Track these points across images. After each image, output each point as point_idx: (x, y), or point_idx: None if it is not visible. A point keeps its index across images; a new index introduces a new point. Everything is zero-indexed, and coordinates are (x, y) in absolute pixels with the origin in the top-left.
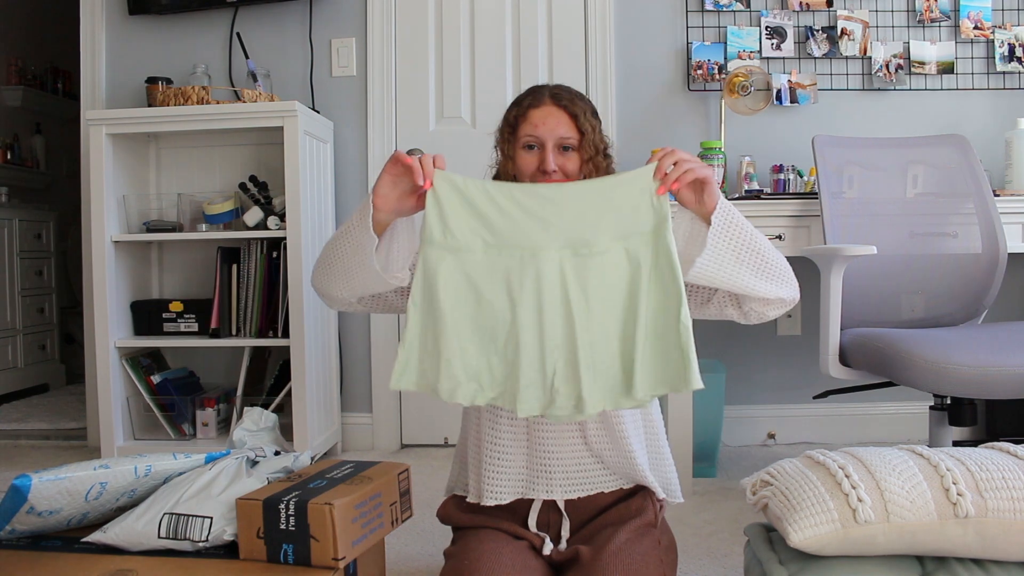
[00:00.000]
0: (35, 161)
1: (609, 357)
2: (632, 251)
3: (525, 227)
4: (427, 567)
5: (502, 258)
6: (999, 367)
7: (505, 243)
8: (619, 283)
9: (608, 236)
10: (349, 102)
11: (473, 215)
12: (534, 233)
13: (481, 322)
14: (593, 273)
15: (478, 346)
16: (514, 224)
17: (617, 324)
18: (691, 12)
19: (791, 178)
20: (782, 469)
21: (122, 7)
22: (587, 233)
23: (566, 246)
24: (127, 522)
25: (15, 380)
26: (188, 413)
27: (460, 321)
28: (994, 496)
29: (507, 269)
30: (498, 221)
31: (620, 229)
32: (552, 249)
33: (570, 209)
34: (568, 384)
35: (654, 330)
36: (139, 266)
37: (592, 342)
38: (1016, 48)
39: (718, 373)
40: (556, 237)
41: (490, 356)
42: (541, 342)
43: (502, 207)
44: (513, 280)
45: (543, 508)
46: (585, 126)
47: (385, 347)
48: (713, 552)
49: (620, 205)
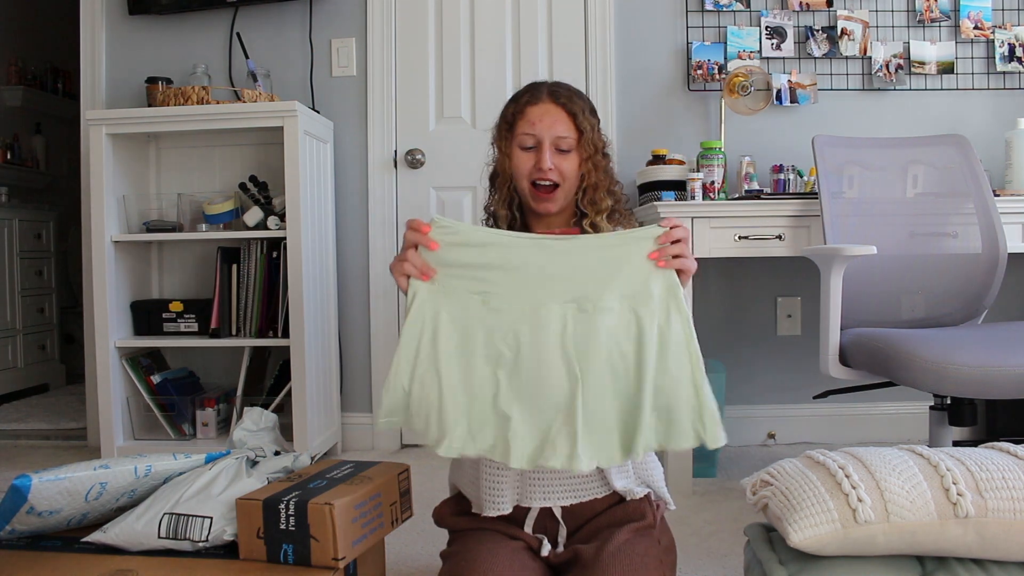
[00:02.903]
0: (35, 161)
1: (609, 417)
2: (640, 312)
3: (529, 279)
4: (427, 567)
5: (504, 309)
6: (999, 367)
7: (507, 294)
8: (625, 343)
9: (615, 295)
10: (349, 102)
11: (475, 264)
12: (538, 286)
13: (477, 372)
14: (597, 331)
15: (470, 397)
16: (518, 275)
17: (619, 384)
18: (691, 12)
19: (791, 178)
20: (782, 469)
21: (122, 7)
22: (593, 290)
23: (571, 301)
24: (127, 522)
25: (15, 380)
26: (188, 413)
27: (454, 370)
28: (994, 496)
29: (508, 321)
30: (502, 271)
31: (627, 289)
32: (556, 303)
33: (576, 264)
34: (565, 440)
35: (662, 392)
36: (139, 266)
37: (592, 400)
38: (1016, 48)
39: (718, 373)
40: (561, 291)
41: (483, 408)
42: (539, 398)
43: (507, 257)
44: (514, 332)
45: (539, 515)
46: (584, 125)
47: (385, 347)
48: (713, 552)
49: (628, 264)
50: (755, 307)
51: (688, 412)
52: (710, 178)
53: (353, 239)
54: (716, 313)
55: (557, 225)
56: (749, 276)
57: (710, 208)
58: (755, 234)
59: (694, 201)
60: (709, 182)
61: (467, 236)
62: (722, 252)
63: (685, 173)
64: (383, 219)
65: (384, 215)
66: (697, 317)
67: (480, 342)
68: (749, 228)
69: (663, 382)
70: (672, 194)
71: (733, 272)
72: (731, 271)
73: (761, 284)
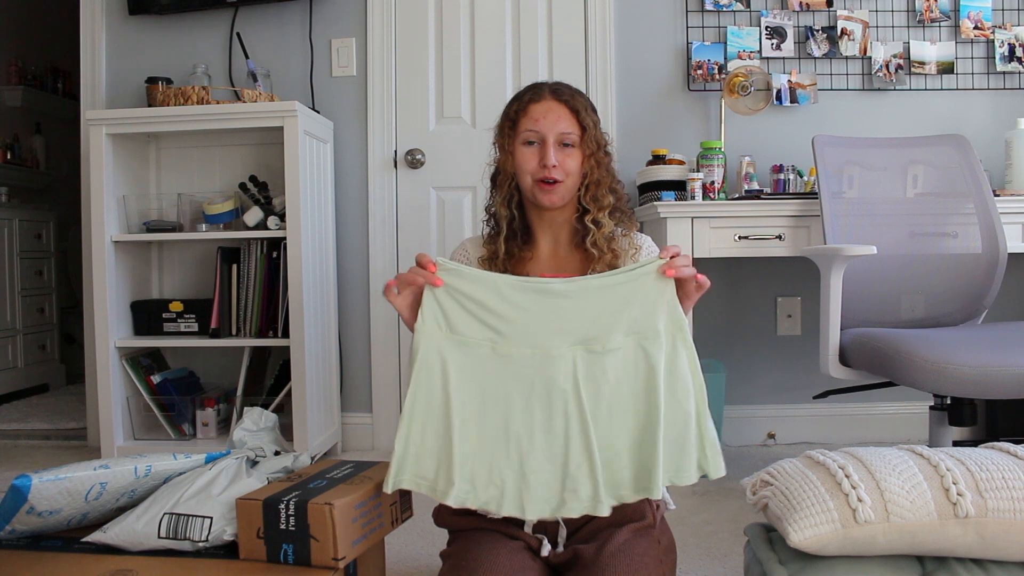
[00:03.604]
0: (35, 161)
1: (623, 456)
2: (647, 347)
3: (536, 324)
4: (427, 567)
5: (512, 355)
6: (999, 367)
7: (515, 339)
8: (636, 379)
9: (621, 332)
10: (349, 102)
11: (482, 309)
12: (545, 330)
13: (487, 421)
14: (607, 370)
15: (481, 447)
16: (525, 320)
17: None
18: (691, 12)
19: (791, 178)
20: (782, 469)
21: (122, 7)
22: (601, 330)
23: (579, 343)
24: (127, 522)
25: (15, 380)
26: (188, 413)
27: (465, 420)
28: (994, 496)
29: (518, 367)
30: (508, 317)
31: (635, 325)
32: (565, 346)
33: (582, 305)
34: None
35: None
36: (139, 266)
37: (607, 443)
38: (1016, 48)
39: (718, 373)
40: (569, 334)
41: (493, 457)
42: (552, 444)
43: (513, 302)
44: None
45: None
46: (586, 121)
47: (385, 347)
48: (713, 552)
49: (633, 301)
50: (755, 307)
51: (695, 444)
52: (710, 178)
53: (353, 239)
54: (716, 313)
55: (559, 219)
56: (749, 276)
57: (710, 208)
58: (755, 234)
59: (694, 201)
60: (709, 182)
61: (473, 279)
62: (722, 252)
63: (685, 173)
64: (383, 219)
65: (384, 215)
66: (697, 317)
67: (490, 390)
68: (749, 228)
69: (673, 417)
70: (672, 194)
71: (733, 272)
72: (731, 271)
73: (761, 284)
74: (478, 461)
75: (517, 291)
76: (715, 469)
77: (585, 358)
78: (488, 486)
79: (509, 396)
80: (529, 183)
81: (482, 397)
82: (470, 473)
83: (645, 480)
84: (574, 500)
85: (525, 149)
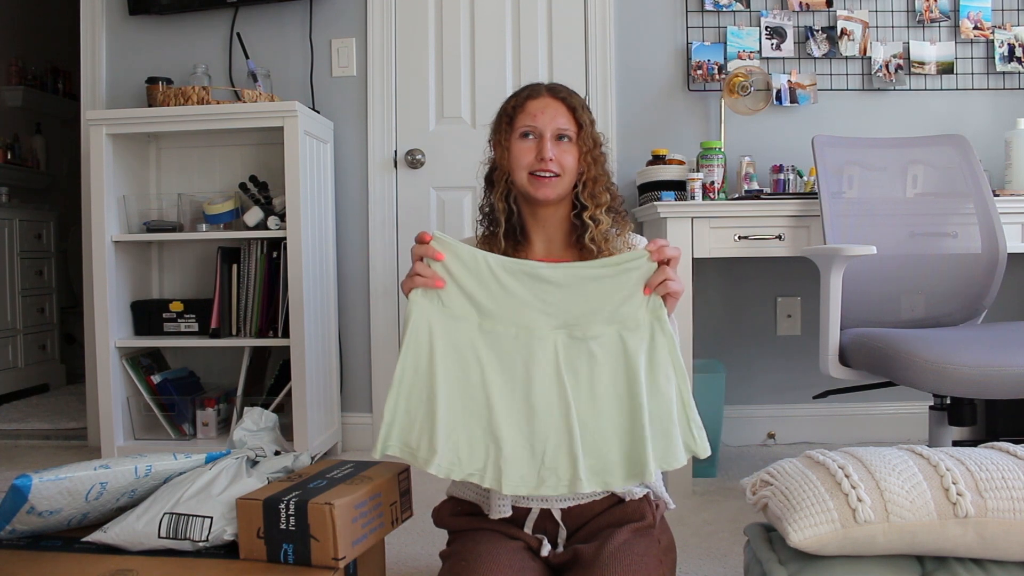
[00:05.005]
0: (35, 161)
1: (607, 441)
2: (626, 337)
3: (523, 304)
4: (427, 567)
5: (498, 332)
6: (999, 367)
7: (501, 318)
8: (616, 367)
9: (603, 321)
10: (349, 102)
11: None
12: (531, 311)
13: (470, 394)
14: (586, 356)
15: (464, 419)
16: (512, 300)
17: (615, 407)
18: (691, 12)
19: (791, 178)
20: (782, 469)
21: (122, 7)
22: (584, 317)
23: (562, 327)
24: (127, 522)
25: (15, 380)
26: (188, 413)
27: (448, 390)
28: (994, 496)
29: (502, 344)
30: (496, 295)
31: (616, 316)
32: (548, 328)
33: (568, 292)
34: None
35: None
36: (139, 266)
37: (588, 425)
38: (1016, 48)
39: (718, 373)
40: (553, 317)
41: (474, 430)
42: (533, 422)
43: (502, 282)
44: (507, 355)
45: (539, 516)
46: (583, 119)
47: (385, 347)
48: (713, 552)
49: (617, 294)
50: (755, 307)
51: (681, 426)
52: (710, 178)
53: (353, 239)
54: (716, 313)
55: (554, 218)
56: (749, 276)
57: (710, 208)
58: (755, 234)
59: (694, 201)
60: (709, 182)
61: (464, 256)
62: (722, 252)
63: (685, 173)
64: (383, 219)
65: (384, 215)
66: (697, 317)
67: (473, 364)
68: (749, 228)
69: (656, 403)
70: (672, 194)
71: (733, 272)
72: (731, 271)
73: (761, 284)
74: (460, 433)
75: (507, 272)
76: (703, 448)
77: (567, 343)
78: (471, 458)
79: (492, 372)
80: (524, 177)
81: (465, 371)
82: (455, 444)
83: (636, 465)
84: (552, 478)
85: (522, 143)
